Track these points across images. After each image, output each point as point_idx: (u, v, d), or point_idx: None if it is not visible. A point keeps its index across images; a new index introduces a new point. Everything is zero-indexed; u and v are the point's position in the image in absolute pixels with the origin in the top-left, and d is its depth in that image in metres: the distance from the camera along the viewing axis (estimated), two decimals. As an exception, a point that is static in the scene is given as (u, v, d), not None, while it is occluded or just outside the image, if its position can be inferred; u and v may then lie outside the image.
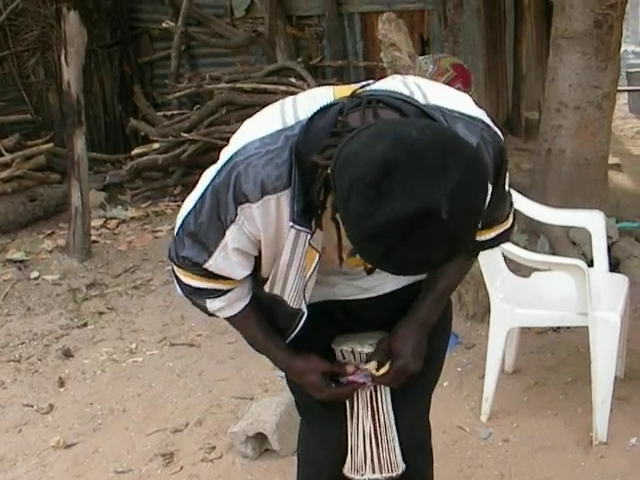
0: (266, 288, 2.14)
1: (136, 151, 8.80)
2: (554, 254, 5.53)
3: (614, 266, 5.03)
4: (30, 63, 10.01)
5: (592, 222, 4.23)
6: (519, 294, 3.99)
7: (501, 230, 2.24)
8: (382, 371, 2.22)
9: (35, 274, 6.54)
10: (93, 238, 7.09)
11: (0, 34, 9.74)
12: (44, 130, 9.51)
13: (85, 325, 5.56)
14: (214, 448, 3.98)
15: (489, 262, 3.91)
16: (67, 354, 5.11)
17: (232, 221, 1.96)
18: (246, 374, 4.66)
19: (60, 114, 9.33)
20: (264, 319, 2.23)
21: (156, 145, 8.69)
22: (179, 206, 8.33)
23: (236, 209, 1.94)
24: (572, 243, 5.72)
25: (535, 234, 5.81)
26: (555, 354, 4.63)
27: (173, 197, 8.52)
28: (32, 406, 4.53)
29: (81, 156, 6.75)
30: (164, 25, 9.90)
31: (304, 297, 2.12)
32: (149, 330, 5.41)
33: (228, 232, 1.98)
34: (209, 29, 10.07)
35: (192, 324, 5.44)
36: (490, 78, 10.00)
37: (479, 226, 1.72)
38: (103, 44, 10.21)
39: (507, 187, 2.15)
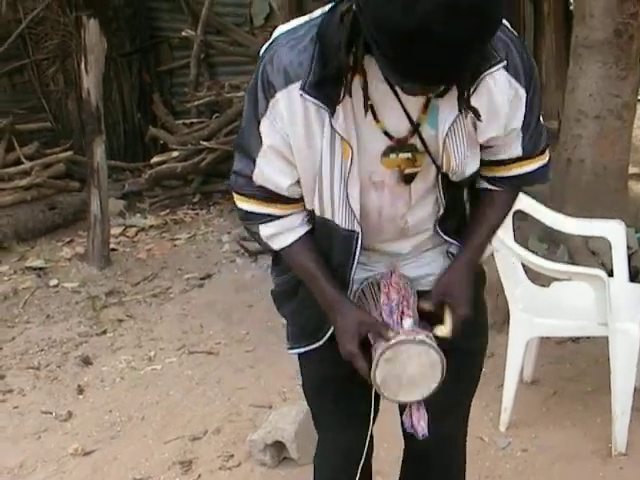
0: (316, 211, 2.12)
1: (155, 159, 8.81)
2: (573, 264, 5.51)
3: (634, 276, 5.00)
4: (50, 71, 10.06)
5: (612, 232, 4.21)
6: (538, 304, 3.98)
7: (540, 163, 2.23)
8: (447, 328, 2.17)
9: (54, 282, 6.57)
10: (112, 246, 7.11)
11: (20, 42, 9.79)
12: (63, 138, 9.55)
13: (104, 333, 5.57)
14: (232, 456, 3.99)
15: (508, 271, 3.90)
16: (86, 361, 5.13)
17: (263, 114, 1.99)
18: (265, 382, 4.66)
19: (79, 122, 9.37)
20: (319, 254, 2.19)
21: (175, 153, 8.71)
22: (197, 214, 8.37)
23: (267, 102, 1.97)
24: (591, 253, 5.70)
25: (554, 243, 5.79)
26: (574, 364, 4.62)
27: (192, 205, 8.53)
28: (51, 413, 4.55)
29: (100, 164, 6.77)
30: (183, 34, 9.92)
31: (353, 211, 2.08)
32: (168, 338, 5.42)
33: (262, 128, 2.01)
34: (228, 37, 10.09)
35: (210, 332, 5.44)
36: (509, 87, 9.96)
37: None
38: (122, 52, 10.24)
39: (541, 115, 2.17)
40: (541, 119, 2.18)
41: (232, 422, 4.31)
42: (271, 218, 2.16)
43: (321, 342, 2.31)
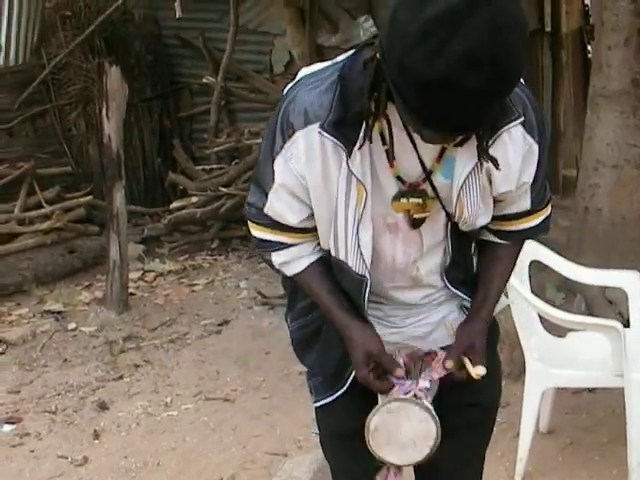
0: (331, 251, 2.15)
1: (174, 205, 8.86)
2: (590, 313, 5.50)
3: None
4: (72, 116, 10.14)
5: (628, 282, 4.22)
6: (554, 354, 3.98)
7: (545, 216, 2.29)
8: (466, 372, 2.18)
9: (72, 325, 6.59)
10: (130, 291, 7.13)
11: (43, 88, 9.89)
12: (84, 183, 9.60)
13: (121, 378, 5.59)
14: (247, 504, 3.98)
15: (524, 321, 3.91)
16: (102, 406, 5.14)
17: (278, 153, 2.04)
18: (280, 430, 4.66)
19: (100, 167, 9.42)
20: (332, 281, 2.21)
21: (194, 199, 8.75)
22: (216, 260, 8.41)
23: (283, 142, 2.02)
24: (609, 302, 5.69)
25: (572, 293, 5.78)
26: (591, 414, 4.60)
27: (210, 251, 8.56)
28: (67, 458, 4.56)
29: (120, 209, 6.82)
30: (204, 80, 10.00)
31: (363, 257, 2.11)
32: (184, 384, 5.43)
33: (275, 165, 2.06)
34: (248, 84, 10.16)
35: (227, 379, 5.45)
36: (527, 135, 9.98)
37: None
38: (143, 98, 10.32)
39: (546, 167, 2.21)
40: (545, 180, 2.22)
41: (247, 470, 4.30)
42: (283, 246, 2.20)
43: (345, 387, 2.31)
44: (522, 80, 1.98)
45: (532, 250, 4.22)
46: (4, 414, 5.11)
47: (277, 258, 2.22)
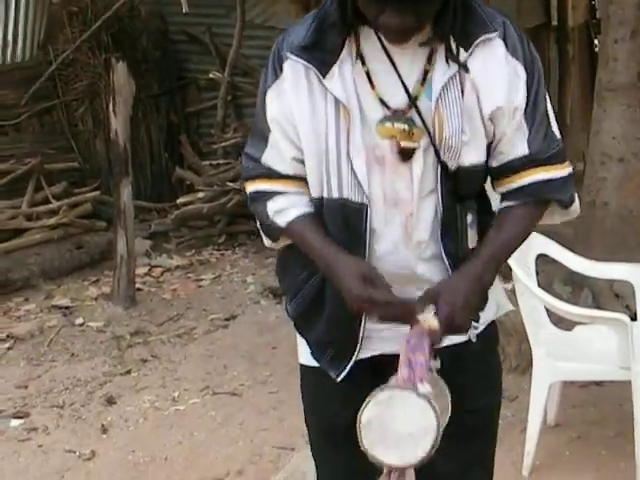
0: (323, 192, 2.14)
1: (181, 200, 8.86)
2: (598, 307, 5.49)
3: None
4: (79, 112, 10.14)
5: (635, 275, 4.21)
6: (561, 347, 3.98)
7: (558, 173, 2.16)
8: (430, 320, 2.00)
9: (80, 321, 6.59)
10: (138, 286, 7.14)
11: (50, 84, 9.90)
12: (91, 178, 9.60)
13: (128, 372, 5.59)
14: (254, 498, 3.99)
15: (531, 315, 3.90)
16: (110, 401, 5.15)
17: (270, 87, 2.13)
18: (288, 425, 4.66)
19: (107, 163, 9.44)
20: (325, 230, 2.17)
21: (201, 194, 8.75)
22: (223, 255, 8.41)
23: (275, 76, 2.12)
24: (616, 296, 5.68)
25: (579, 286, 5.77)
26: (598, 408, 4.59)
27: (217, 246, 8.56)
28: (74, 452, 4.57)
29: (127, 205, 6.83)
30: (211, 75, 10.00)
31: (359, 181, 2.09)
32: (192, 379, 5.43)
33: (267, 99, 2.14)
34: (255, 79, 10.15)
35: (234, 373, 5.45)
36: (534, 129, 9.97)
37: None
38: (151, 94, 10.32)
39: (551, 116, 2.18)
40: (553, 125, 2.17)
41: (254, 464, 4.31)
42: (278, 194, 2.20)
43: (344, 373, 2.25)
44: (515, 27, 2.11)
45: (539, 244, 4.23)
46: (12, 409, 5.12)
47: (272, 205, 2.20)
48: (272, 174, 2.19)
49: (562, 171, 2.17)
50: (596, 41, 11.24)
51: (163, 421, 4.89)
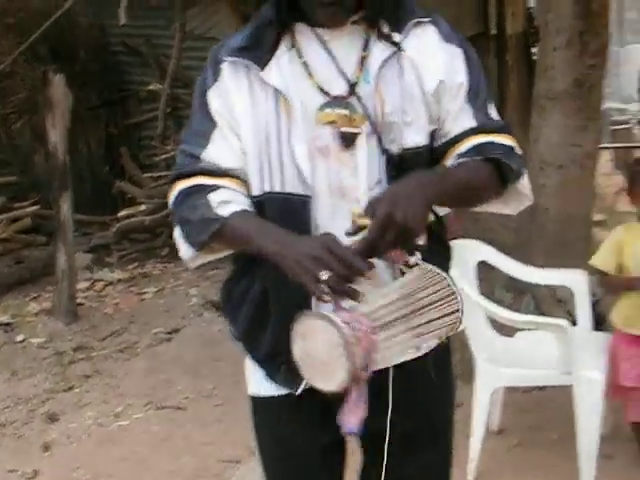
0: (265, 186, 2.08)
1: (123, 213, 8.82)
2: (540, 312, 5.54)
3: (599, 323, 5.03)
4: (17, 125, 10.05)
5: (575, 281, 4.27)
6: (503, 354, 4.01)
7: (502, 139, 2.12)
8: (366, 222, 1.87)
9: (21, 337, 6.52)
10: (79, 301, 7.08)
11: (-13, 97, 9.82)
12: (30, 192, 9.52)
13: (71, 389, 5.53)
14: (200, 512, 3.96)
15: (472, 322, 3.92)
16: (52, 418, 5.09)
17: (210, 87, 2.12)
18: (233, 437, 4.63)
19: (46, 176, 9.35)
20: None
21: (142, 207, 8.72)
22: (166, 267, 8.32)
23: (214, 78, 2.11)
24: (558, 301, 5.73)
25: (521, 292, 5.82)
26: (541, 413, 4.63)
27: (160, 259, 8.52)
28: (17, 471, 4.51)
29: (67, 218, 6.77)
30: (151, 87, 9.97)
31: (301, 172, 2.03)
32: (135, 393, 5.39)
33: (209, 97, 2.12)
34: (196, 91, 10.13)
35: (178, 387, 5.42)
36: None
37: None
38: (90, 106, 10.26)
39: (491, 105, 2.17)
40: (494, 112, 2.17)
41: (200, 477, 4.28)
42: (222, 188, 2.08)
43: (302, 385, 2.14)
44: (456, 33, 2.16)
45: (479, 251, 4.26)
46: (-48, 429, 5.05)
47: (215, 196, 2.06)
48: (214, 171, 2.10)
49: (505, 140, 2.14)
50: (534, 50, 11.38)
51: (106, 437, 4.84)
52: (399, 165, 2.07)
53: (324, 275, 1.83)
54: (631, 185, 3.75)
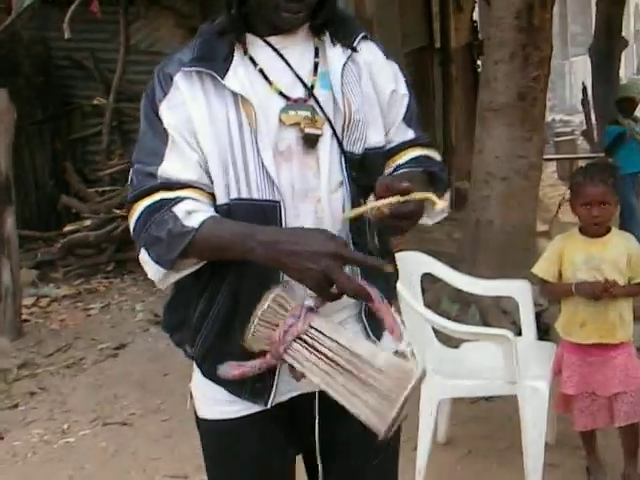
0: (232, 193, 2.04)
1: (68, 228, 8.75)
2: (485, 323, 5.59)
3: (544, 332, 5.09)
4: (-40, 141, 9.94)
5: (519, 291, 4.30)
6: (449, 365, 4.03)
7: (434, 155, 2.26)
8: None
9: (-36, 355, 6.44)
10: (24, 317, 7.01)
11: None
12: (-26, 208, 9.40)
13: (16, 406, 5.47)
14: (147, 529, 3.93)
15: (418, 334, 3.94)
16: (-3, 436, 5.03)
17: (161, 100, 2.07)
18: (180, 453, 4.61)
19: (-10, 192, 9.26)
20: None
21: (87, 222, 8.66)
22: (111, 283, 8.25)
23: (164, 92, 2.08)
24: (503, 312, 5.78)
25: (466, 304, 5.86)
26: (488, 423, 4.66)
27: (105, 274, 8.47)
28: (-39, 491, 4.45)
29: (11, 234, 6.70)
30: (95, 101, 9.92)
31: (270, 176, 2.03)
32: (81, 410, 5.34)
33: (161, 113, 2.07)
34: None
35: (125, 403, 5.38)
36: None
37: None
38: (34, 120, 10.18)
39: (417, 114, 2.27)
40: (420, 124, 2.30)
41: (147, 493, 4.26)
42: (186, 199, 2.03)
43: (272, 396, 2.13)
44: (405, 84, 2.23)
45: (424, 262, 4.29)
46: None
47: (182, 207, 2.00)
48: (174, 184, 2.03)
49: (436, 155, 2.29)
50: (479, 62, 11.50)
51: (53, 454, 4.79)
52: (359, 166, 2.12)
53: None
54: (573, 196, 3.80)
